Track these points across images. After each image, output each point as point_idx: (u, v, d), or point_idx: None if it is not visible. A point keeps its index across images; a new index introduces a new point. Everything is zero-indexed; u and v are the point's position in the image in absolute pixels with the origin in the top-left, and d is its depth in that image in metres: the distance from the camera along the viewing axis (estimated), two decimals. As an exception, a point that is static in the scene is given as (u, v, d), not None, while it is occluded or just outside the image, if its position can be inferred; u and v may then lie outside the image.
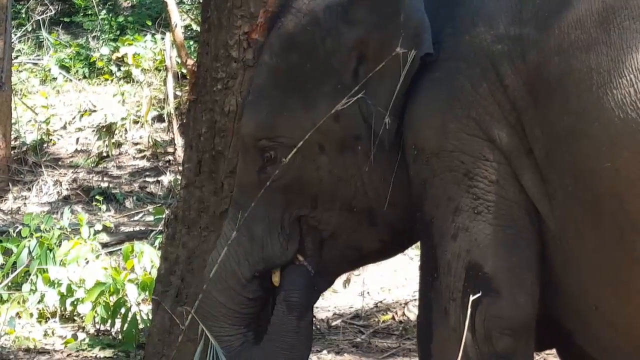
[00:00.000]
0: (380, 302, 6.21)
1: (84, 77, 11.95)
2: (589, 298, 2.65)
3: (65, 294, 5.65)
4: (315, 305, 6.14)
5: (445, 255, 2.82)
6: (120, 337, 5.33)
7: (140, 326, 5.14)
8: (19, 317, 5.69)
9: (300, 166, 2.96)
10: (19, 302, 5.76)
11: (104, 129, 10.17)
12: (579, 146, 2.53)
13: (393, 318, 5.83)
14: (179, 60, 9.39)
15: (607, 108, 2.46)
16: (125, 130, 10.31)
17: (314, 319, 5.80)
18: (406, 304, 6.05)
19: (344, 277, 6.45)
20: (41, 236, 6.21)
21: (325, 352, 5.15)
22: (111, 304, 5.44)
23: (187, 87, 3.44)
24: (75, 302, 5.66)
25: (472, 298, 2.74)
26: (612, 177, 2.46)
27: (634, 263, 2.46)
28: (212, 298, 3.02)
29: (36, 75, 11.87)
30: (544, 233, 2.73)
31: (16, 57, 11.71)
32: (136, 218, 8.56)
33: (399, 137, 2.91)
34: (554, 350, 3.26)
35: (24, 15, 12.94)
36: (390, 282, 6.63)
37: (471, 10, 2.81)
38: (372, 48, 2.91)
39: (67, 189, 9.29)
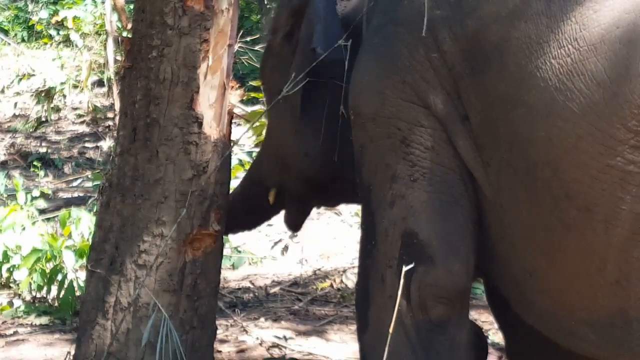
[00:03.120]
0: (319, 269, 6.23)
1: (23, 40, 11.82)
2: (524, 265, 2.66)
3: (1, 260, 5.61)
4: (254, 272, 6.20)
5: (382, 222, 2.83)
6: (56, 304, 5.30)
7: (77, 293, 5.12)
8: (-47, 284, 5.65)
9: None
10: (-48, 269, 5.71)
11: (43, 94, 10.06)
12: (514, 114, 2.54)
13: (331, 286, 5.86)
14: (120, 25, 9.31)
15: (544, 77, 2.47)
16: (65, 95, 10.22)
17: (251, 286, 5.84)
18: (344, 271, 6.07)
19: (282, 244, 6.49)
20: (-24, 202, 6.16)
21: (262, 319, 5.16)
22: (47, 270, 5.40)
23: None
24: (11, 269, 5.62)
25: (405, 266, 2.76)
26: (546, 146, 2.48)
27: (566, 231, 2.49)
28: None
29: (-27, 38, 11.71)
30: (480, 200, 2.74)
31: (-48, 20, 11.54)
32: (75, 184, 8.49)
33: None
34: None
35: (-41, -23, 12.73)
36: (328, 250, 6.65)
37: None
38: None
39: (4, 153, 9.19)
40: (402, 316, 2.81)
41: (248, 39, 8.52)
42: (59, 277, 5.34)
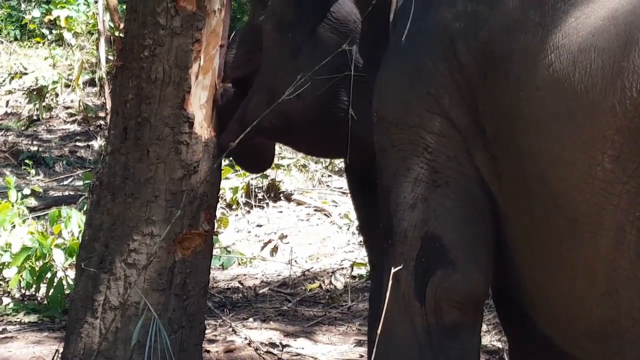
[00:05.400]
0: (308, 270, 6.25)
1: (15, 39, 11.81)
2: (532, 277, 2.67)
3: (-10, 258, 5.61)
4: (243, 272, 6.21)
5: (402, 223, 2.82)
6: (45, 302, 5.31)
7: (67, 291, 5.13)
8: (-58, 281, 5.64)
9: None
10: (-58, 266, 5.71)
11: (35, 92, 10.06)
12: (513, 126, 2.55)
13: (320, 287, 5.88)
14: (112, 24, 9.30)
15: (532, 88, 2.48)
16: (57, 94, 10.21)
17: (240, 287, 5.84)
18: (333, 272, 6.09)
19: (271, 245, 6.51)
20: (-33, 199, 6.16)
21: (251, 319, 5.18)
22: (37, 268, 5.41)
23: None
24: (0, 267, 5.62)
25: (420, 268, 2.77)
26: (537, 158, 2.48)
27: (559, 242, 2.49)
28: None
29: (-35, 36, 11.70)
30: (496, 211, 2.75)
31: (-55, 18, 11.52)
32: (65, 182, 8.49)
33: None
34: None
35: (-47, -25, 12.69)
36: (317, 251, 6.67)
37: None
38: None
39: (-5, 151, 9.19)
40: (413, 317, 2.81)
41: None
42: (49, 275, 5.35)
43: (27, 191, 7.10)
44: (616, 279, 2.36)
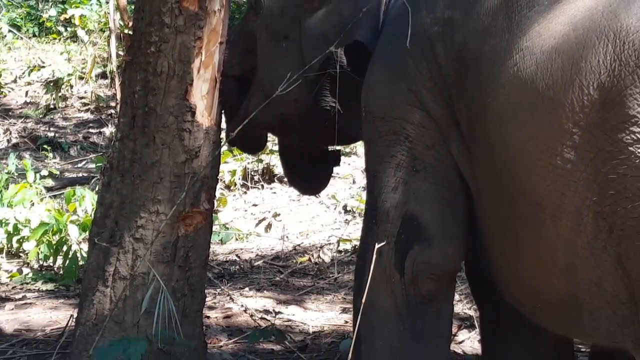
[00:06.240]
0: (298, 245, 6.24)
1: (34, 35, 11.73)
2: (500, 255, 2.69)
3: (11, 232, 5.61)
4: (240, 247, 6.20)
5: (385, 204, 2.84)
6: (61, 272, 5.31)
7: (80, 263, 5.12)
8: (-32, 253, 5.63)
9: None
10: (-33, 240, 5.70)
11: (52, 84, 10.01)
12: (484, 120, 2.56)
13: (309, 260, 5.87)
14: (122, 23, 9.25)
15: (501, 86, 2.48)
16: (71, 85, 10.16)
17: (238, 260, 5.84)
18: (321, 247, 6.08)
19: (265, 222, 6.50)
20: (-10, 179, 6.15)
21: (247, 289, 5.17)
22: (54, 242, 5.41)
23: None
24: (20, 240, 5.62)
25: (401, 244, 2.81)
26: (503, 150, 2.49)
27: (523, 224, 2.50)
28: None
29: (-11, 32, 11.62)
30: (469, 195, 2.77)
31: (-31, 16, 11.45)
32: (79, 165, 8.47)
33: None
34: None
35: (-22, -23, 12.61)
36: (307, 228, 6.67)
37: None
38: None
39: (16, 137, 9.14)
40: (394, 287, 2.84)
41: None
42: (64, 248, 5.35)
43: (44, 173, 7.09)
44: (574, 256, 2.37)
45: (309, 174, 3.69)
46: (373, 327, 2.88)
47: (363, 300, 2.76)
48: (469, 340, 4.22)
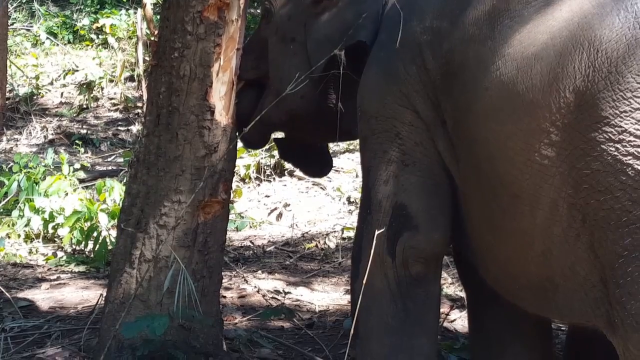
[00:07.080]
0: (306, 232, 6.25)
1: (69, 42, 11.73)
2: (482, 241, 2.69)
3: (47, 219, 5.64)
4: (254, 234, 6.22)
5: (377, 196, 2.86)
6: (92, 255, 5.33)
7: (109, 247, 5.14)
8: (9, 237, 5.66)
9: None
10: (8, 225, 5.73)
11: (85, 86, 10.01)
12: (468, 120, 2.56)
13: (316, 246, 5.87)
14: (148, 31, 9.26)
15: (485, 89, 2.48)
16: (102, 87, 10.16)
17: (251, 245, 5.85)
18: (327, 235, 6.09)
19: (277, 212, 6.50)
20: (29, 172, 6.17)
21: (260, 272, 5.18)
22: (85, 228, 5.43)
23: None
24: (55, 226, 5.64)
25: (393, 232, 2.82)
26: (486, 145, 2.49)
27: (503, 213, 2.50)
28: None
29: (28, 39, 11.62)
30: (455, 188, 2.77)
31: (12, 24, 11.43)
32: (109, 159, 8.48)
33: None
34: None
35: (19, -12, 12.62)
36: (314, 217, 6.67)
37: (410, 5, 2.88)
38: None
39: (52, 133, 9.15)
40: (386, 270, 2.86)
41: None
42: (95, 234, 5.37)
43: (77, 166, 7.11)
44: (550, 243, 2.37)
45: (311, 161, 3.71)
46: (369, 306, 2.90)
47: (364, 282, 2.79)
48: (460, 319, 4.23)
